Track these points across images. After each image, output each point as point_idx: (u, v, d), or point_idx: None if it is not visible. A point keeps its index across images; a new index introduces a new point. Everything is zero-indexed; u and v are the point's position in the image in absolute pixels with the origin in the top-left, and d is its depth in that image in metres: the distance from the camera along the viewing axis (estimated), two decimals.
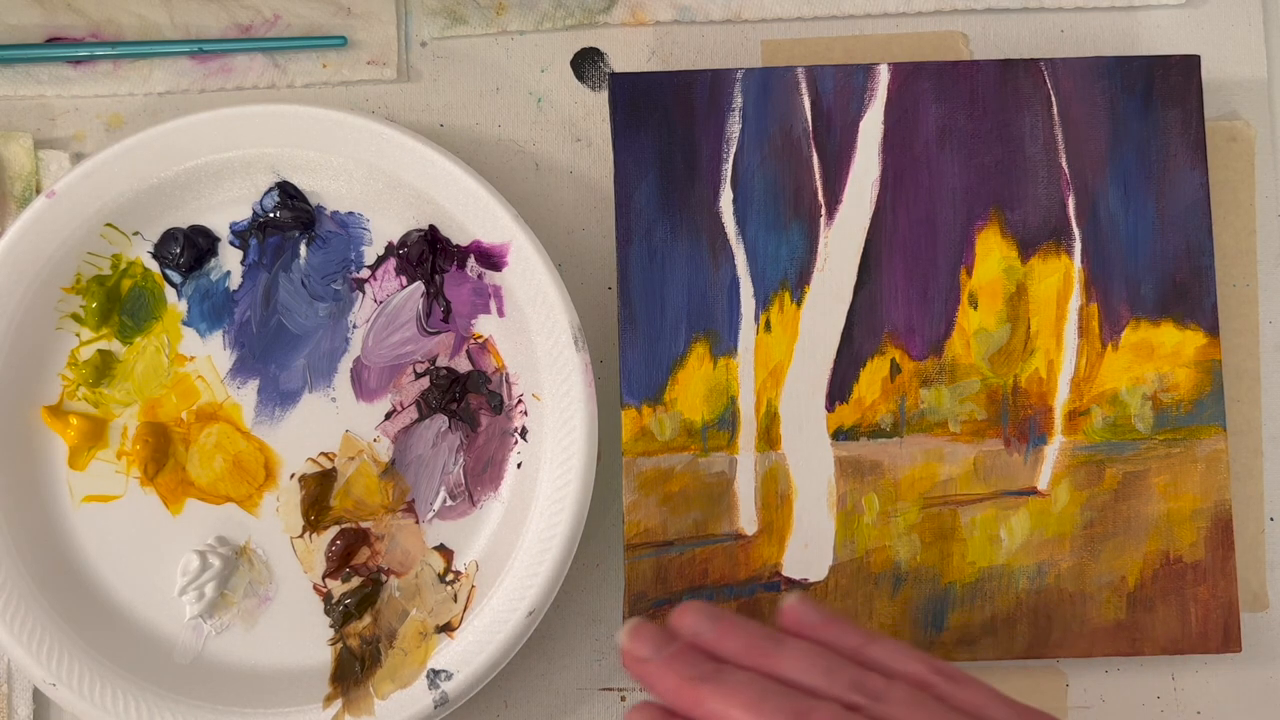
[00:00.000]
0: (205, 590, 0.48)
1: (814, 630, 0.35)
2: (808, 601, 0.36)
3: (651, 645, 0.35)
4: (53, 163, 0.51)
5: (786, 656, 0.34)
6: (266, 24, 0.52)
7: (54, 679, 0.46)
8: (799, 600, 0.36)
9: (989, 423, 0.48)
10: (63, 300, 0.49)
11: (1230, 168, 0.51)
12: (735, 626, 0.34)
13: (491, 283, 0.49)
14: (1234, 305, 0.51)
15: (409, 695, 0.47)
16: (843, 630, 0.35)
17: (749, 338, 0.48)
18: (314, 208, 0.50)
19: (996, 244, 0.48)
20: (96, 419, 0.49)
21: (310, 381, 0.49)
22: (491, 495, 0.49)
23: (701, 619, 0.35)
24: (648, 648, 0.34)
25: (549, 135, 0.52)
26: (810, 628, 0.35)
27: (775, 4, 0.52)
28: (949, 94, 0.49)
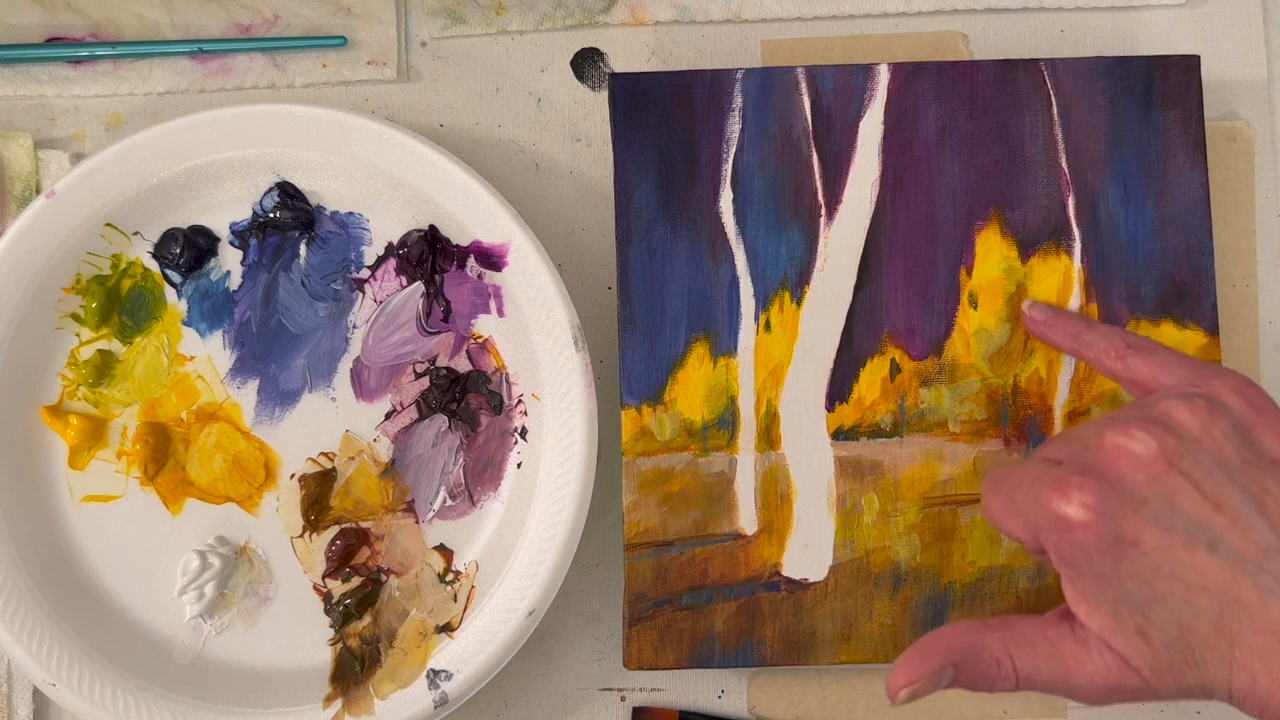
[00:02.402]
0: (205, 590, 0.48)
1: (1047, 323, 0.47)
2: (1038, 304, 0.48)
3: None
4: (53, 163, 0.51)
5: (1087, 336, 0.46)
6: (266, 24, 0.52)
7: (54, 679, 0.46)
8: (1031, 304, 0.48)
9: (989, 423, 0.48)
10: (63, 300, 0.49)
11: (1230, 168, 0.51)
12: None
13: (491, 283, 0.49)
14: (1234, 305, 0.51)
15: (409, 695, 0.47)
16: (1068, 320, 0.46)
17: (749, 338, 0.48)
18: (314, 208, 0.50)
19: (996, 244, 0.48)
20: (96, 419, 0.49)
21: (310, 381, 0.49)
22: (491, 495, 0.49)
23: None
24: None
25: (549, 135, 0.52)
26: (1044, 322, 0.47)
27: (775, 4, 0.52)
28: (949, 94, 0.49)
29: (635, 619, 0.47)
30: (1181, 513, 0.36)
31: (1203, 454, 0.37)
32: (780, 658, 0.47)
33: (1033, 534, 0.38)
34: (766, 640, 0.47)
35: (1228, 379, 0.40)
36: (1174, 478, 0.37)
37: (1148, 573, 0.36)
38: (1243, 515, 0.36)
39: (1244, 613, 0.35)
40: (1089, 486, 0.37)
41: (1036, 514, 0.38)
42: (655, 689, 0.50)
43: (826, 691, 0.49)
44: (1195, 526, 0.36)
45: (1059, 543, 0.37)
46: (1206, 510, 0.36)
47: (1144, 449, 0.37)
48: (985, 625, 0.39)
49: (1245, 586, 0.35)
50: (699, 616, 0.47)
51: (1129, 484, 0.37)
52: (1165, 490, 0.37)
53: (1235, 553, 0.36)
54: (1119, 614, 0.36)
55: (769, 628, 0.47)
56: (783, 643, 0.47)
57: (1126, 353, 0.43)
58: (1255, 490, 0.37)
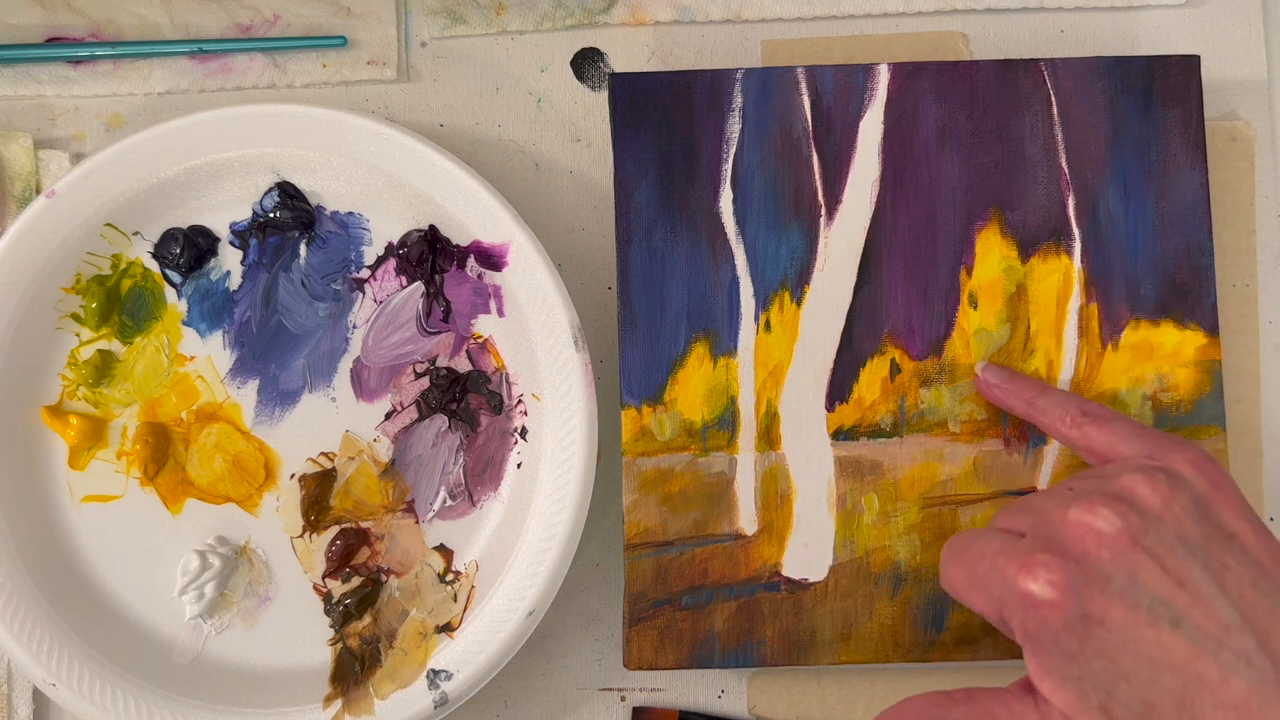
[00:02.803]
0: (205, 590, 0.48)
1: (1001, 386, 0.47)
2: (992, 366, 0.48)
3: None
4: (53, 163, 0.51)
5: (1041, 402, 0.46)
6: (266, 24, 0.52)
7: (54, 679, 0.46)
8: (985, 366, 0.48)
9: (989, 422, 0.48)
10: (63, 300, 0.49)
11: (1230, 168, 0.51)
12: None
13: (491, 283, 0.49)
14: (1234, 305, 0.51)
15: (409, 695, 0.47)
16: (1023, 385, 0.46)
17: (749, 338, 0.48)
18: (314, 208, 0.50)
19: (996, 244, 0.48)
20: (96, 419, 0.49)
21: (310, 381, 0.49)
22: (491, 495, 0.49)
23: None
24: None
25: (549, 135, 0.52)
26: (998, 385, 0.47)
27: (775, 4, 0.52)
28: (949, 94, 0.49)
29: (635, 619, 0.47)
30: (1145, 590, 0.36)
31: (1165, 530, 0.37)
32: (780, 658, 0.47)
33: (996, 608, 0.38)
34: (766, 640, 0.47)
35: (1186, 452, 0.40)
36: (1138, 555, 0.37)
37: (1113, 650, 0.36)
38: (1204, 592, 0.36)
39: (1206, 689, 0.35)
40: (1055, 565, 0.37)
41: (1001, 590, 0.38)
42: (655, 689, 0.50)
43: (826, 691, 0.49)
44: (1159, 604, 0.36)
45: (1024, 620, 0.37)
46: (1169, 587, 0.36)
47: (1108, 526, 0.37)
48: (949, 699, 0.39)
49: (1207, 663, 0.35)
50: (699, 616, 0.47)
51: (1094, 561, 0.37)
52: (1129, 567, 0.37)
53: (1198, 629, 0.36)
54: (1084, 691, 0.36)
55: (769, 628, 0.47)
56: (783, 643, 0.47)
57: (1082, 420, 0.43)
58: (1216, 566, 0.37)
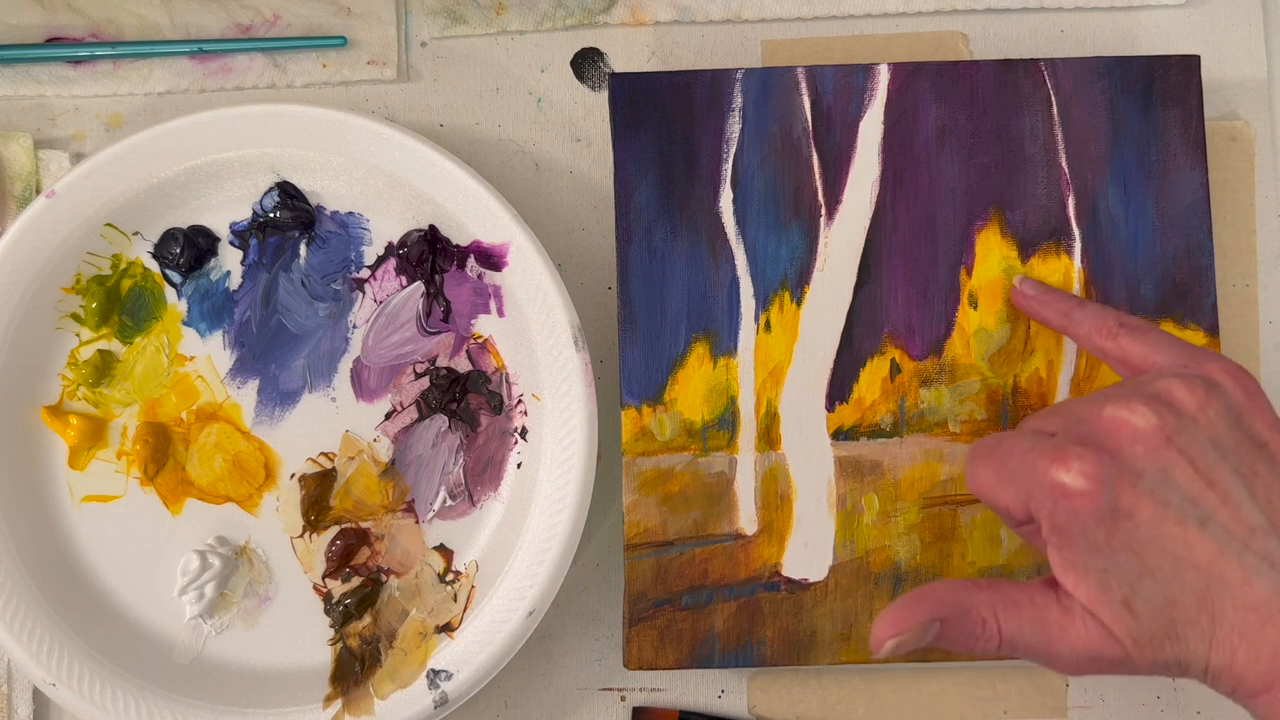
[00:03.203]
0: (205, 590, 0.48)
1: (1038, 298, 0.47)
2: (1029, 280, 0.48)
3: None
4: (53, 163, 0.51)
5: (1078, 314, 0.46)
6: (266, 24, 0.52)
7: (54, 679, 0.46)
8: (1022, 279, 0.48)
9: (989, 423, 0.48)
10: (63, 300, 0.49)
11: (1230, 168, 0.51)
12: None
13: (491, 283, 0.49)
14: (1234, 305, 0.51)
15: (409, 695, 0.47)
16: (1059, 297, 0.47)
17: (749, 338, 0.48)
18: (314, 208, 0.50)
19: (996, 244, 0.48)
20: (96, 419, 0.49)
21: (310, 381, 0.49)
22: (491, 495, 0.49)
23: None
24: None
25: (549, 135, 0.52)
26: (1034, 297, 0.47)
27: (775, 4, 0.52)
28: (949, 94, 0.49)
29: (635, 619, 0.47)
30: (1176, 487, 0.37)
31: (1198, 432, 0.38)
32: (780, 658, 0.47)
33: (1023, 503, 0.38)
34: (766, 640, 0.47)
35: (1221, 363, 0.40)
36: (1171, 453, 0.37)
37: (1139, 544, 0.37)
38: (1233, 494, 0.37)
39: (1228, 590, 0.36)
40: (1089, 456, 0.37)
41: (1031, 482, 0.38)
42: (655, 689, 0.50)
43: (826, 691, 0.49)
44: (1188, 502, 0.37)
45: (1054, 510, 0.37)
46: (1199, 487, 0.37)
47: (1144, 423, 0.38)
48: (974, 584, 0.39)
49: (1231, 564, 0.36)
50: (699, 616, 0.47)
51: (1127, 456, 0.37)
52: (1162, 465, 0.37)
53: (1224, 530, 0.36)
54: (1106, 584, 0.37)
55: (769, 628, 0.47)
56: (783, 643, 0.47)
57: (1119, 331, 0.43)
58: (1245, 471, 0.38)
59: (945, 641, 0.38)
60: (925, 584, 0.40)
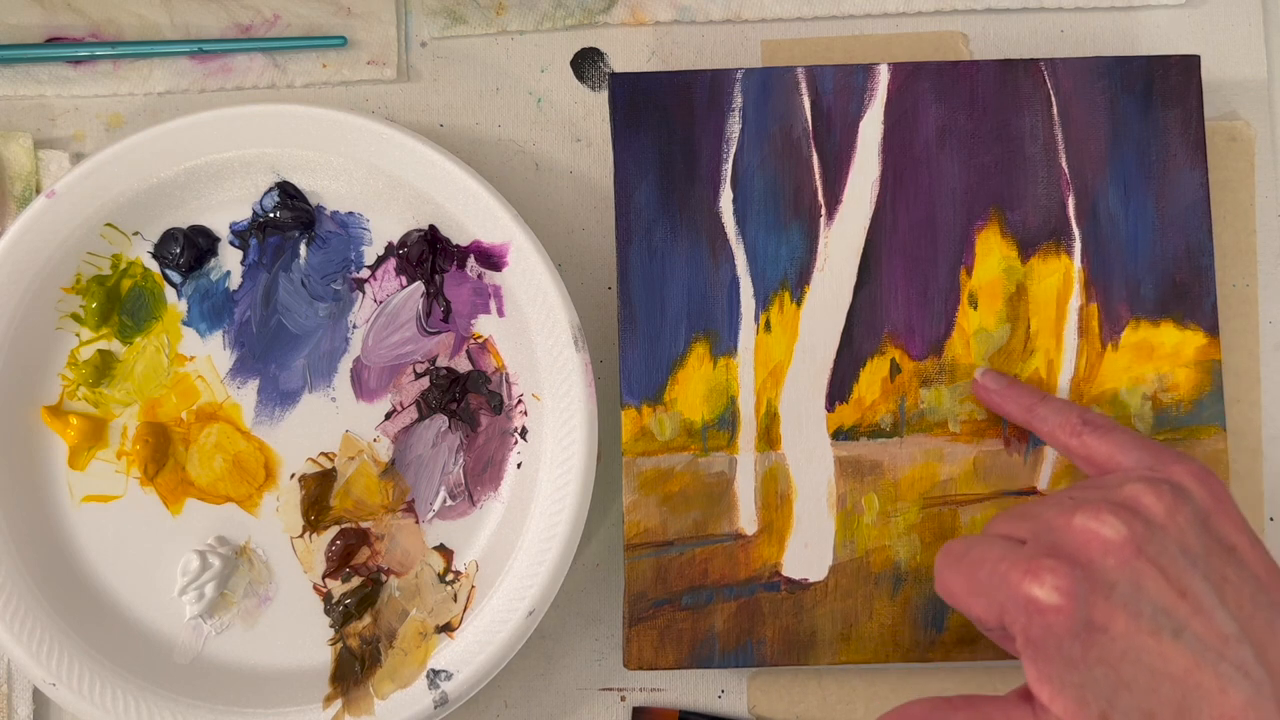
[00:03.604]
0: (205, 590, 0.48)
1: (1000, 393, 0.47)
2: (991, 372, 0.48)
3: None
4: (53, 163, 0.51)
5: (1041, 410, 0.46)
6: (266, 24, 0.52)
7: (54, 679, 0.46)
8: (984, 372, 0.48)
9: (989, 423, 0.48)
10: (63, 300, 0.49)
11: (1230, 168, 0.51)
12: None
13: (491, 283, 0.49)
14: (1234, 305, 0.51)
15: (409, 695, 0.47)
16: (1022, 392, 0.47)
17: (749, 338, 0.48)
18: (314, 208, 0.50)
19: (996, 244, 0.48)
20: (96, 419, 0.49)
21: (310, 381, 0.49)
22: (491, 495, 0.49)
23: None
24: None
25: (549, 135, 0.52)
26: (996, 392, 0.47)
27: (775, 4, 0.52)
28: (949, 94, 0.49)
29: (635, 619, 0.47)
30: (1149, 599, 0.36)
31: (1168, 541, 0.37)
32: (780, 658, 0.47)
33: (996, 614, 0.38)
34: (766, 640, 0.47)
35: (1187, 465, 0.40)
36: (1142, 563, 0.37)
37: (1114, 658, 0.36)
38: (1205, 603, 0.36)
39: (1204, 699, 0.35)
40: (1061, 570, 0.37)
41: (1004, 595, 0.38)
42: (655, 689, 0.50)
43: (826, 691, 0.49)
44: (1161, 613, 0.36)
45: (1028, 625, 0.37)
46: (1172, 597, 0.36)
47: (1114, 534, 0.37)
48: (949, 705, 0.39)
49: (1207, 674, 0.35)
50: (699, 616, 0.47)
51: (1099, 568, 0.37)
52: (1133, 576, 0.37)
53: (1198, 640, 0.36)
54: (1084, 699, 0.36)
55: (769, 628, 0.47)
56: (783, 643, 0.47)
57: (1083, 429, 0.43)
58: (1216, 578, 0.37)
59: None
60: (903, 705, 0.40)
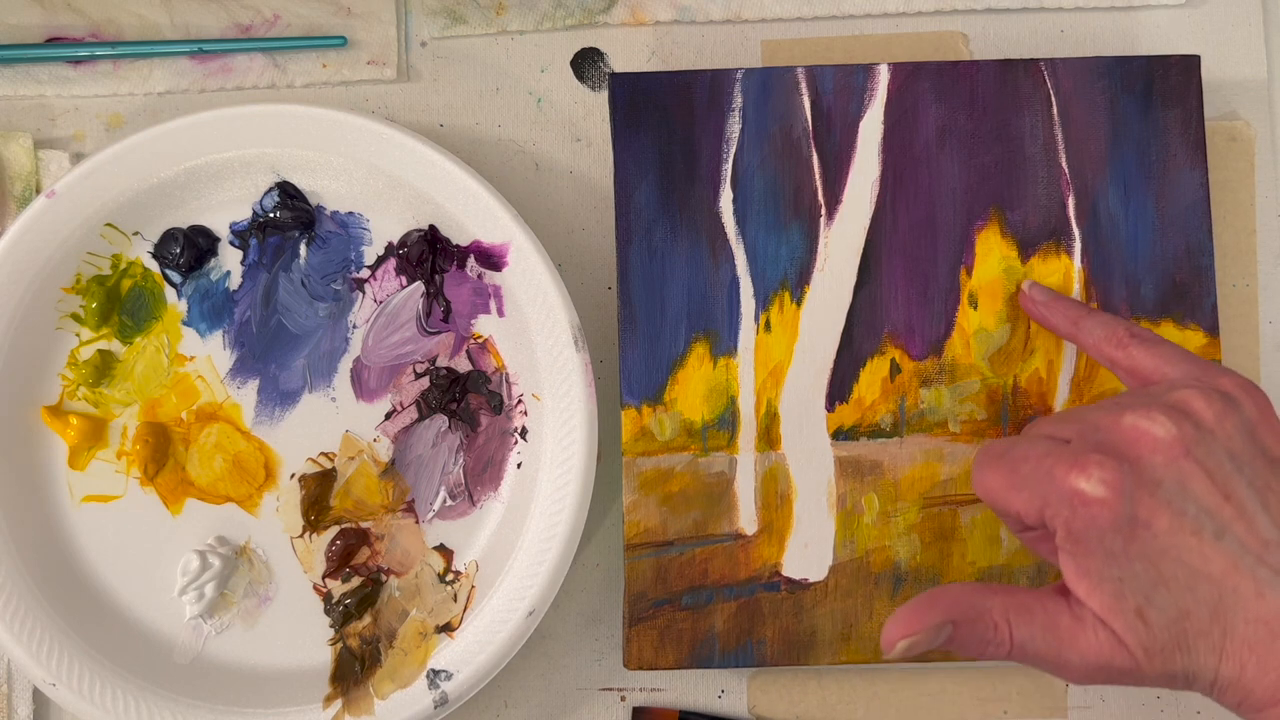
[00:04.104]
0: (205, 590, 0.48)
1: (1046, 304, 0.47)
2: (1038, 285, 0.48)
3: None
4: (53, 163, 0.51)
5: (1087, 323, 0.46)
6: (266, 24, 0.52)
7: (54, 679, 0.46)
8: (1031, 284, 0.48)
9: (989, 423, 0.48)
10: (63, 300, 0.49)
11: (1230, 168, 0.51)
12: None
13: (491, 283, 0.49)
14: (1234, 305, 0.51)
15: (409, 695, 0.47)
16: (1068, 305, 0.47)
17: (749, 338, 0.48)
18: (314, 208, 0.50)
19: (996, 244, 0.48)
20: (96, 419, 0.49)
21: (310, 381, 0.49)
22: (491, 495, 0.49)
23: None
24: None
25: (549, 135, 0.52)
26: (1043, 303, 0.47)
27: (775, 4, 0.52)
28: (949, 94, 0.49)
29: (635, 619, 0.47)
30: (1193, 499, 0.37)
31: (1215, 445, 0.38)
32: (780, 658, 0.47)
33: (1037, 509, 0.38)
34: (766, 640, 0.47)
35: (1234, 378, 0.40)
36: (1189, 464, 0.37)
37: (1155, 554, 0.37)
38: (1248, 508, 0.37)
39: (1240, 602, 0.36)
40: (1109, 464, 0.37)
41: (1048, 488, 0.38)
42: (655, 689, 0.50)
43: (826, 691, 0.49)
44: (1204, 514, 0.37)
45: (1071, 518, 0.37)
46: (1216, 499, 0.37)
47: (1164, 432, 0.38)
48: (987, 589, 0.39)
49: (1244, 577, 0.36)
50: (699, 616, 0.47)
51: (1146, 465, 0.37)
52: (1180, 475, 0.37)
53: (1239, 543, 0.36)
54: (1120, 593, 0.37)
55: (769, 628, 0.47)
56: (783, 643, 0.47)
57: (1129, 341, 0.43)
58: (1260, 485, 0.38)
59: (956, 645, 0.38)
60: (938, 586, 0.40)
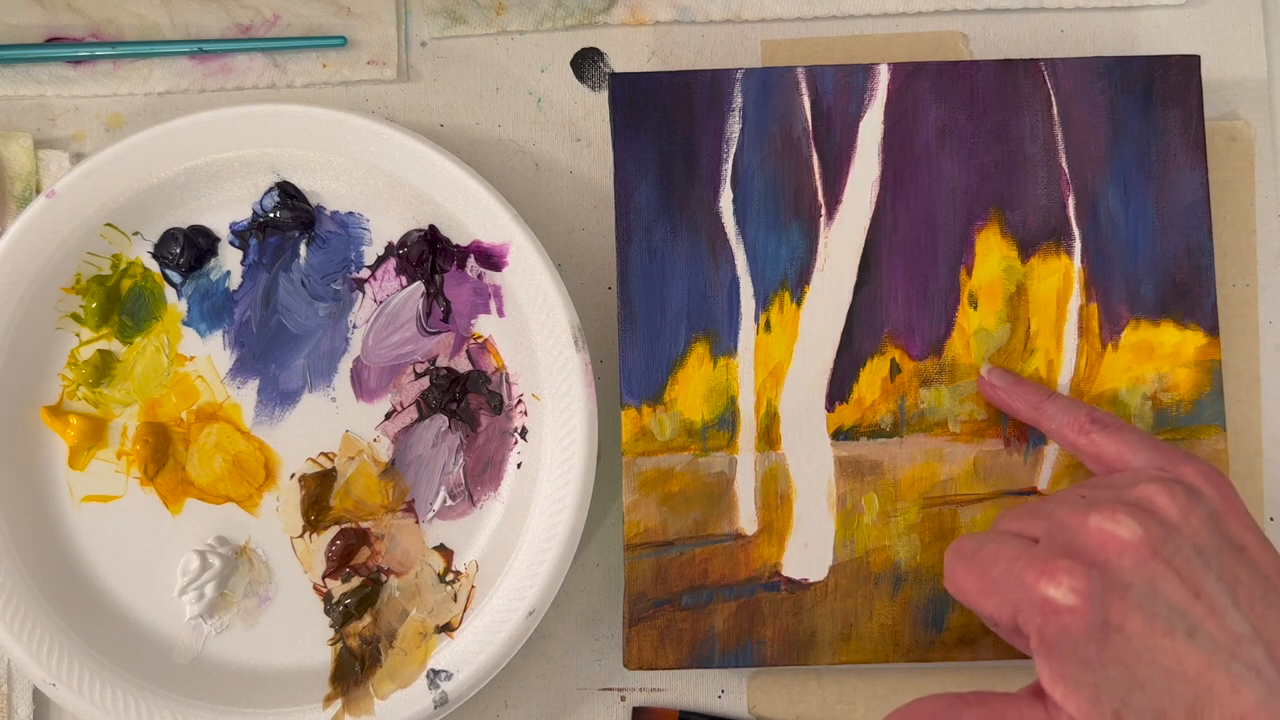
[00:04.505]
0: (205, 590, 0.48)
1: (1006, 390, 0.47)
2: (997, 370, 0.48)
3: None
4: (53, 163, 0.51)
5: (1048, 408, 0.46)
6: (266, 24, 0.52)
7: (54, 679, 0.46)
8: (990, 369, 0.48)
9: (989, 422, 0.48)
10: (63, 300, 0.49)
11: (1230, 168, 0.51)
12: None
13: (491, 283, 0.49)
14: (1234, 305, 0.51)
15: (409, 695, 0.47)
16: (1028, 389, 0.47)
17: (749, 338, 0.48)
18: (314, 208, 0.50)
19: (996, 244, 0.48)
20: (96, 419, 0.49)
21: (310, 381, 0.49)
22: (491, 495, 0.49)
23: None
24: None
25: (549, 135, 0.52)
26: (1003, 389, 0.47)
27: (775, 4, 0.52)
28: (949, 94, 0.49)
29: (635, 619, 0.47)
30: (1164, 599, 0.37)
31: (1182, 541, 0.38)
32: (780, 658, 0.47)
33: (1010, 614, 0.38)
34: (766, 640, 0.47)
35: (1197, 465, 0.40)
36: (1157, 564, 0.37)
37: (1130, 658, 0.36)
38: (1219, 603, 0.37)
39: (1216, 699, 0.36)
40: (1078, 571, 0.37)
41: (1019, 595, 0.38)
42: (655, 689, 0.50)
43: (826, 691, 0.49)
44: (1176, 614, 0.36)
45: (1043, 625, 0.37)
46: (1186, 598, 0.37)
47: (1130, 534, 0.37)
48: (961, 700, 0.39)
49: (1219, 674, 0.36)
50: (699, 616, 0.47)
51: (1114, 569, 0.37)
52: (1149, 576, 0.37)
53: (1212, 640, 0.36)
54: (1098, 699, 0.36)
55: (769, 628, 0.47)
56: (783, 643, 0.47)
57: (1092, 428, 0.44)
58: (1229, 578, 0.37)
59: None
60: (914, 701, 0.40)
